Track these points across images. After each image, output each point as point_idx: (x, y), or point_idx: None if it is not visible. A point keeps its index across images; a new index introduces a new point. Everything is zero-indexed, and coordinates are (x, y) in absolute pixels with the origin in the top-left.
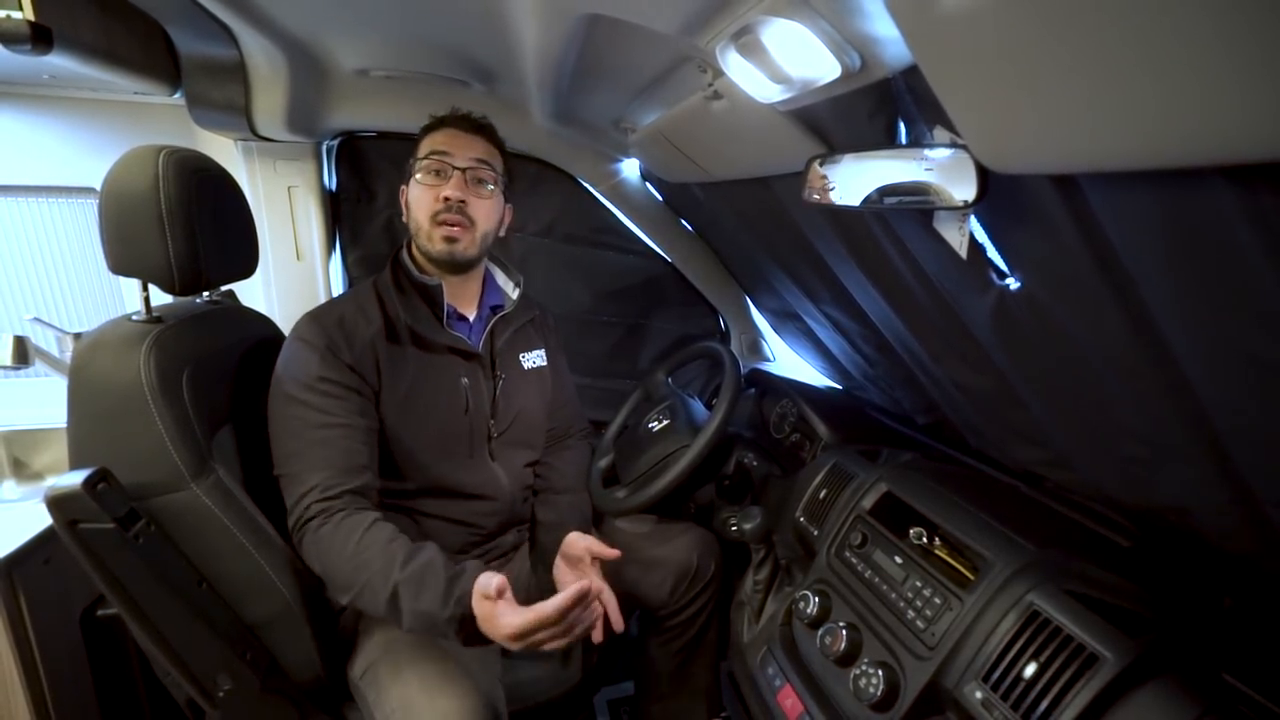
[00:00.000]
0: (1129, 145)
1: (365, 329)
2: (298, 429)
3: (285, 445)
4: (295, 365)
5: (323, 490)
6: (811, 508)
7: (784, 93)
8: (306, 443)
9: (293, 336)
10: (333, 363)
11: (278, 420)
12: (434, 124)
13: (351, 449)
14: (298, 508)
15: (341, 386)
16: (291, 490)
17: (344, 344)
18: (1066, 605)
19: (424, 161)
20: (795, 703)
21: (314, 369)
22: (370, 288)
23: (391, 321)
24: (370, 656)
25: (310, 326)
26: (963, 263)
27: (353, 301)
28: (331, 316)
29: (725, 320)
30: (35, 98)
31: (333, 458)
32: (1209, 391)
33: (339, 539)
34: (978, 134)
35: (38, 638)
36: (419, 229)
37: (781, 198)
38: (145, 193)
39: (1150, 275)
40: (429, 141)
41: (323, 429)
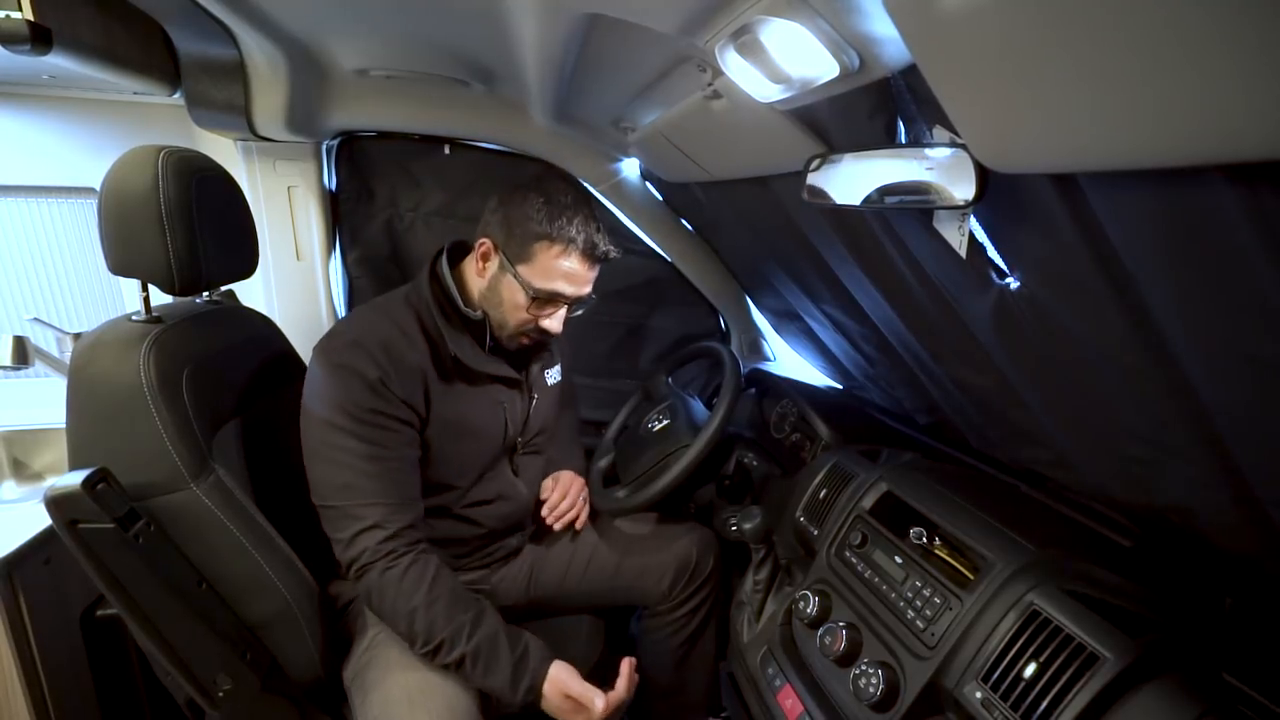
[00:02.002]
0: (1128, 144)
1: (412, 358)
2: (348, 460)
3: (333, 476)
4: (341, 394)
5: (384, 530)
6: (812, 507)
7: (783, 92)
8: (359, 475)
9: (334, 361)
10: (384, 394)
11: (322, 449)
12: (566, 241)
13: (404, 480)
14: (355, 546)
15: (393, 419)
16: (344, 525)
17: (394, 374)
18: (1067, 605)
19: (539, 288)
20: (795, 703)
21: (364, 400)
22: (407, 308)
23: (438, 351)
24: (360, 660)
25: (356, 353)
26: (963, 262)
27: (392, 323)
28: (375, 342)
29: (726, 320)
30: (35, 98)
31: (388, 491)
32: (1209, 391)
33: (406, 589)
34: (977, 133)
35: (38, 638)
36: (501, 326)
37: (781, 197)
38: (145, 193)
39: (1150, 275)
40: (552, 267)
41: (376, 461)
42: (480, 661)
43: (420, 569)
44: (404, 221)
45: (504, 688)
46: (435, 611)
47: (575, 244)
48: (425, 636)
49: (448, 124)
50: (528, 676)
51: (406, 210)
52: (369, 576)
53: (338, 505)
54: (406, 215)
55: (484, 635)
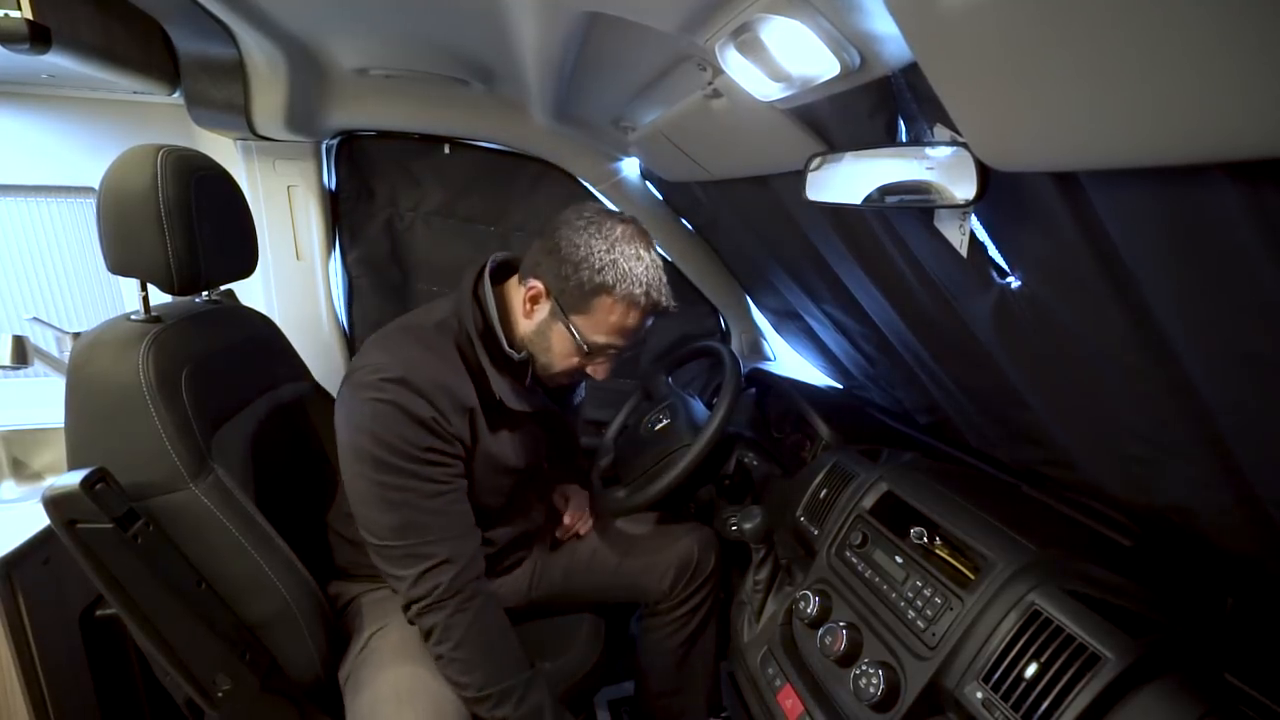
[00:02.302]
0: (1130, 142)
1: (463, 396)
2: (408, 500)
3: (389, 518)
4: (393, 433)
5: (455, 565)
6: (812, 507)
7: (784, 91)
8: (421, 513)
9: (380, 399)
10: (440, 432)
11: (371, 488)
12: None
13: (464, 511)
14: (424, 584)
15: (448, 455)
16: (409, 564)
17: (448, 412)
18: (1068, 605)
19: (595, 341)
20: (795, 703)
21: (419, 439)
22: (447, 338)
23: (484, 389)
24: (354, 659)
25: (405, 391)
26: (963, 261)
27: (437, 357)
28: (425, 379)
29: (726, 319)
30: (34, 97)
31: (453, 525)
32: (1210, 390)
33: (472, 637)
34: (978, 131)
35: (37, 638)
36: (547, 366)
37: (781, 196)
38: (144, 192)
39: (1151, 273)
40: (617, 323)
41: (437, 498)
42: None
43: (488, 617)
44: (404, 221)
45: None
46: (492, 666)
47: (638, 302)
48: (477, 686)
49: (447, 123)
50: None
51: (406, 210)
52: (438, 614)
53: (399, 545)
54: (406, 215)
55: (534, 704)
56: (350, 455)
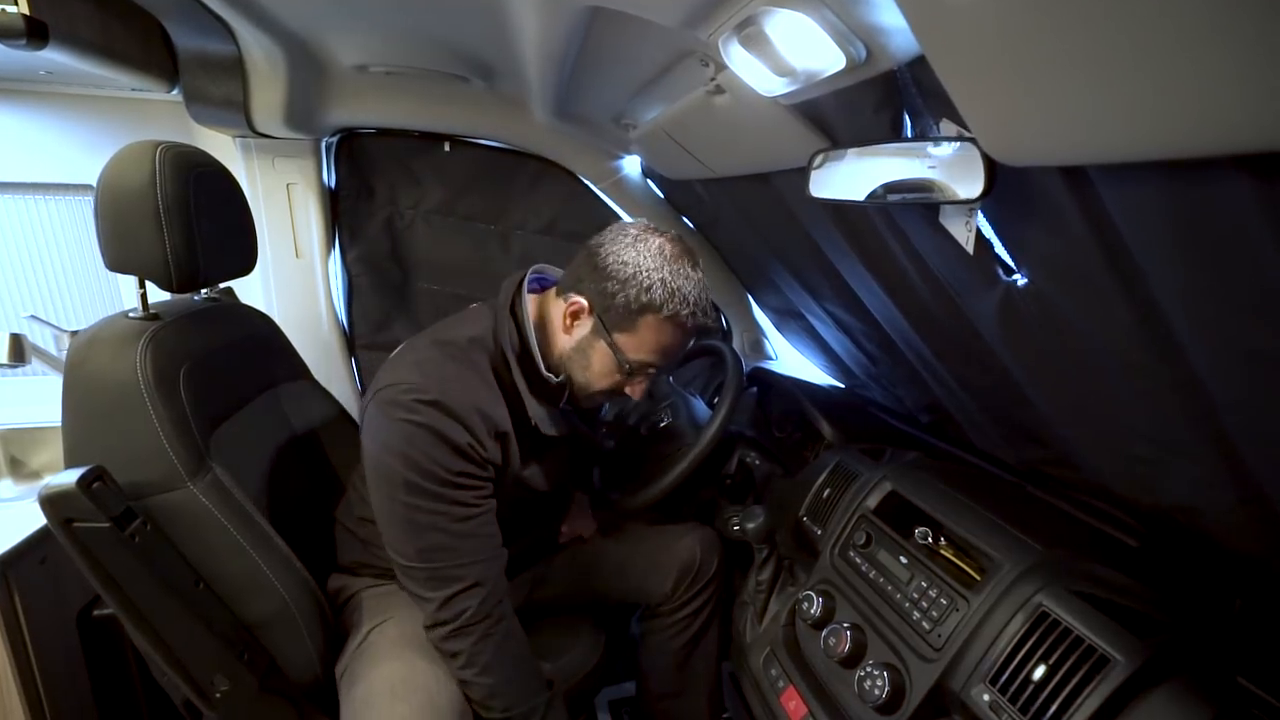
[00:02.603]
0: (1140, 134)
1: (499, 421)
2: (437, 523)
3: (420, 539)
4: (426, 457)
5: (484, 588)
6: (815, 507)
7: (788, 86)
8: (451, 536)
9: (414, 421)
10: (474, 457)
11: (401, 509)
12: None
13: (493, 533)
14: (454, 606)
15: (480, 479)
16: (437, 586)
17: (482, 438)
18: (1076, 606)
19: (637, 360)
20: (799, 704)
21: (452, 464)
22: (483, 355)
23: (519, 414)
24: (349, 653)
25: (440, 415)
26: (968, 258)
27: (472, 376)
28: (461, 403)
29: (727, 318)
30: (32, 94)
31: (482, 548)
32: (1218, 388)
33: (498, 660)
34: (986, 125)
35: (33, 638)
36: (582, 387)
37: (784, 194)
38: (142, 188)
39: (1160, 269)
40: (659, 342)
41: (467, 521)
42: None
43: (513, 641)
44: (404, 219)
45: None
46: (515, 689)
47: (685, 323)
48: (504, 708)
49: (448, 121)
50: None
51: (406, 208)
52: (467, 639)
53: (428, 567)
54: (406, 213)
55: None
56: (379, 476)
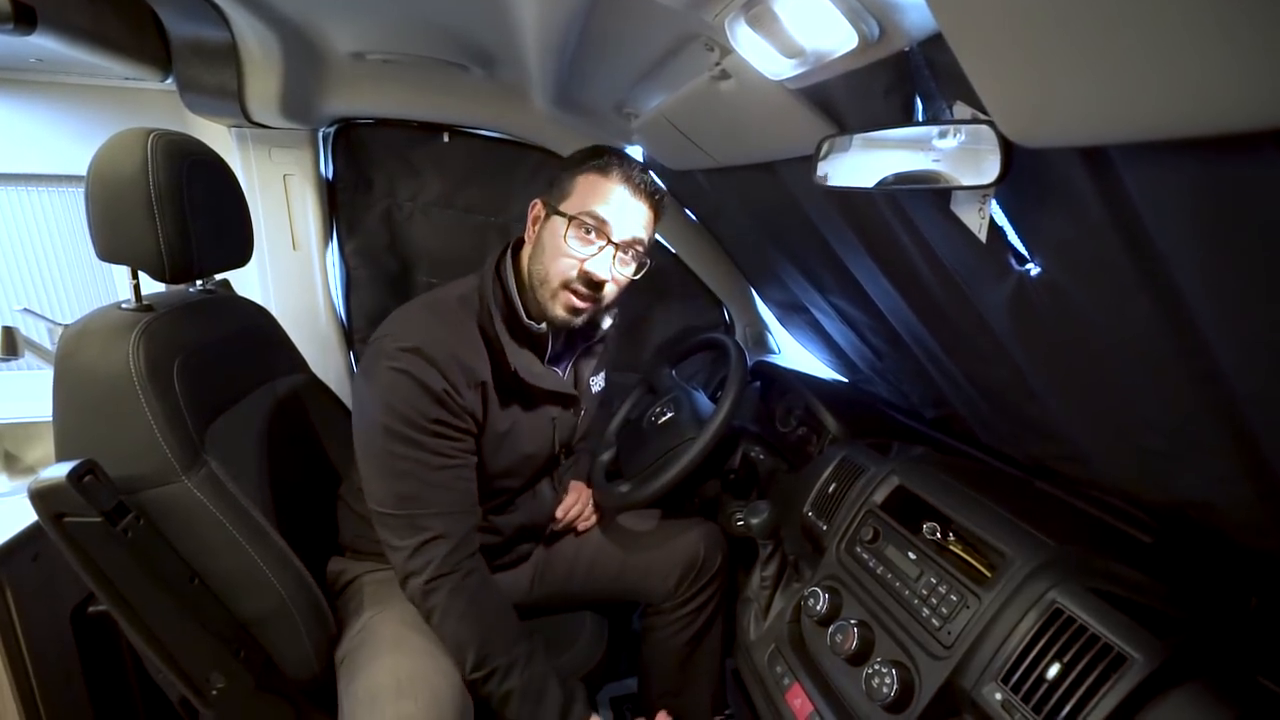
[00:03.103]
0: (1170, 110)
1: (478, 369)
2: (412, 470)
3: (394, 486)
4: (404, 402)
5: (449, 541)
6: (820, 502)
7: (796, 68)
8: (424, 485)
9: (396, 367)
10: (450, 405)
11: (380, 456)
12: (601, 163)
13: (467, 489)
14: (420, 557)
15: (457, 429)
16: (407, 535)
17: (459, 384)
18: (1091, 604)
19: (576, 220)
20: (804, 702)
21: (429, 410)
22: (465, 311)
23: (500, 364)
24: (351, 641)
25: (419, 361)
26: (980, 248)
27: (453, 328)
28: (439, 350)
29: (729, 312)
30: (22, 83)
31: (454, 500)
32: (1241, 381)
33: (472, 614)
34: (1004, 105)
35: (27, 635)
36: (544, 281)
37: (789, 184)
38: (134, 176)
39: (1184, 256)
40: (591, 192)
41: (440, 471)
42: (530, 699)
43: (486, 592)
44: (403, 211)
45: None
46: (494, 641)
47: (614, 165)
48: (478, 662)
49: (446, 110)
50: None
51: (405, 200)
52: (437, 594)
53: (400, 514)
54: (405, 205)
55: (536, 673)
56: (362, 423)
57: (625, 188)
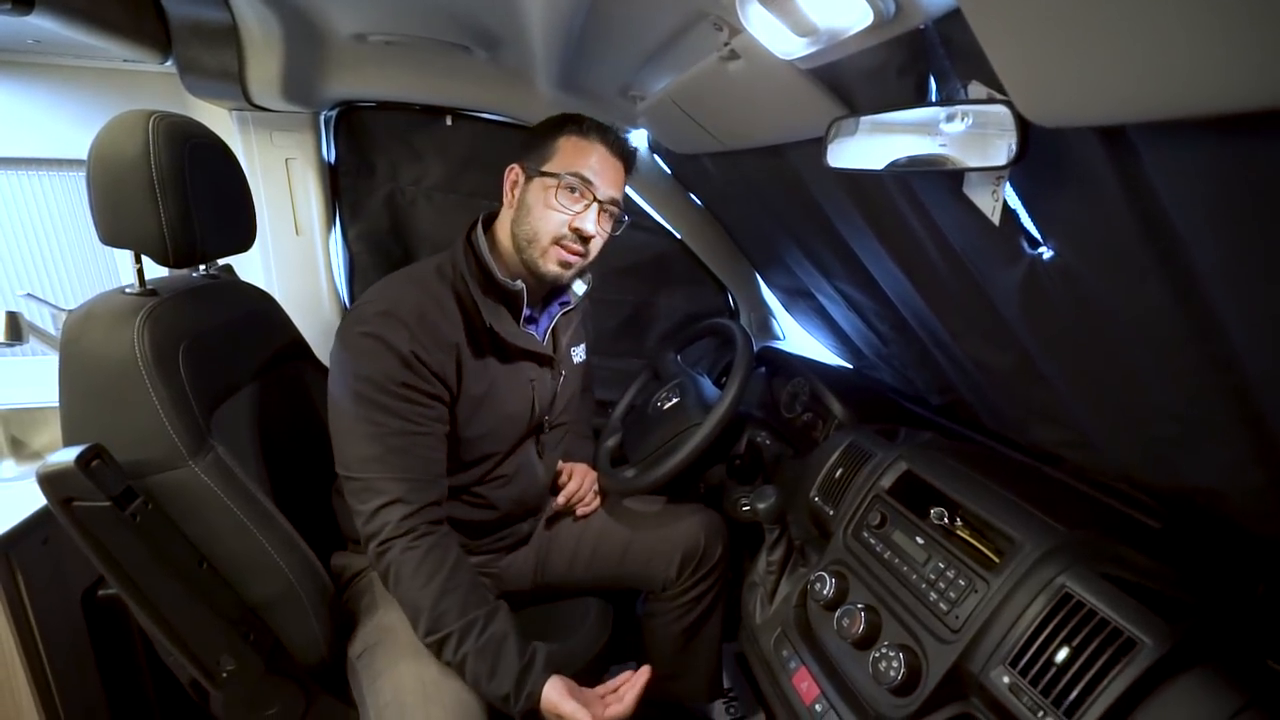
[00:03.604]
0: (1195, 87)
1: (448, 331)
2: (375, 434)
3: (358, 448)
4: (370, 366)
5: (407, 506)
6: (827, 487)
7: (808, 47)
8: (386, 449)
9: (364, 331)
10: (417, 368)
11: (347, 420)
12: (582, 128)
13: (431, 458)
14: (376, 520)
15: (424, 394)
16: (366, 499)
17: (428, 347)
18: (1102, 588)
19: (565, 179)
20: (811, 685)
21: (395, 373)
22: (441, 279)
23: (472, 323)
24: (369, 638)
25: (387, 324)
26: (991, 232)
27: (426, 292)
28: (408, 312)
29: (735, 298)
30: (21, 65)
31: (413, 467)
32: (1256, 366)
33: (424, 573)
34: (1023, 83)
35: (38, 619)
36: (534, 239)
37: (797, 167)
38: (135, 158)
39: (1203, 238)
40: (574, 154)
41: (403, 436)
42: (486, 662)
43: (440, 553)
44: (405, 196)
45: (508, 690)
46: (448, 603)
47: (594, 130)
48: (432, 626)
49: (449, 93)
50: (528, 685)
51: (408, 184)
52: (389, 554)
53: (361, 477)
54: (408, 189)
55: (493, 636)
56: (333, 387)
57: (606, 149)
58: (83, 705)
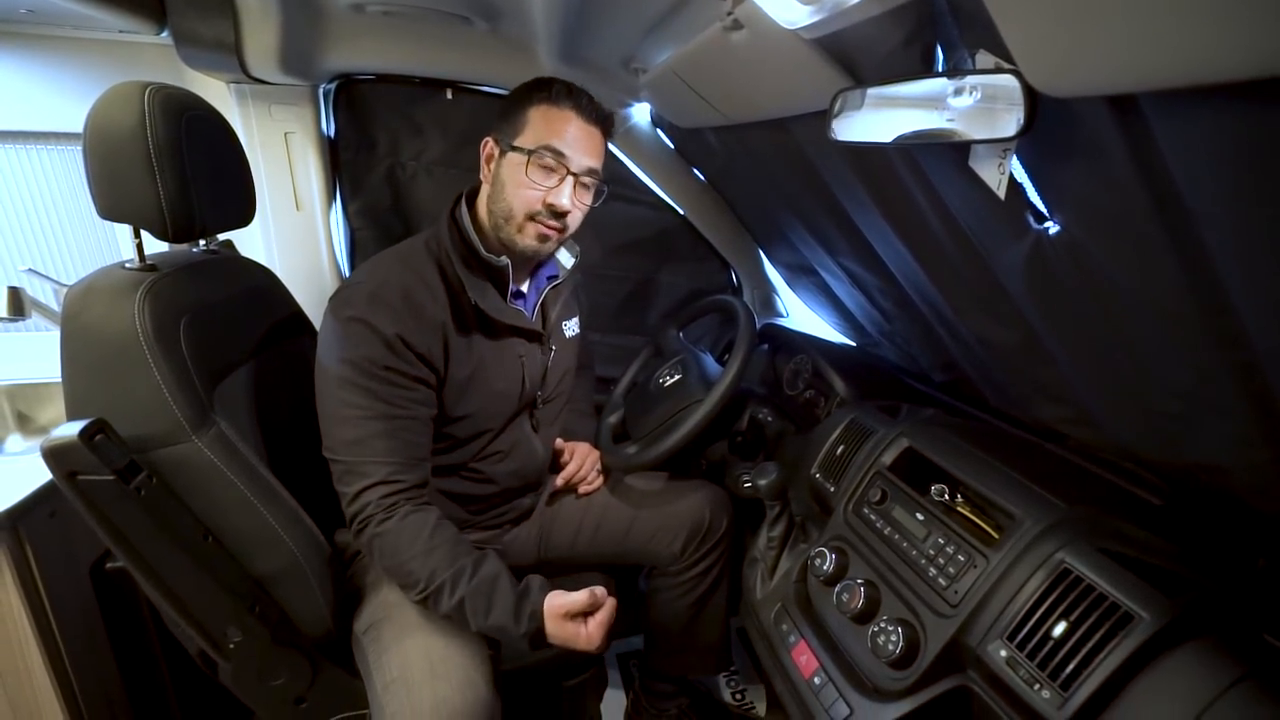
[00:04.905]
0: (1210, 53)
1: (433, 311)
2: (358, 417)
3: (343, 432)
4: (355, 349)
5: (389, 486)
6: (828, 464)
7: (813, 15)
8: (369, 433)
9: (350, 315)
10: (402, 351)
11: (332, 403)
12: (551, 95)
13: (414, 441)
14: (358, 501)
15: (409, 377)
16: (350, 481)
17: (413, 329)
18: (1100, 563)
19: (536, 154)
20: (810, 659)
21: (380, 356)
22: (427, 256)
23: (458, 301)
24: (375, 613)
25: (373, 307)
26: (997, 207)
27: (410, 271)
28: (394, 293)
29: (738, 275)
30: (13, 35)
31: (396, 449)
32: (1265, 341)
33: (405, 539)
34: (1032, 51)
35: (48, 590)
36: (509, 217)
37: (801, 141)
38: (132, 130)
39: (1214, 211)
40: (545, 125)
41: (387, 420)
42: (482, 599)
43: (421, 517)
44: (406, 171)
45: (507, 621)
46: (436, 557)
47: (564, 96)
48: (426, 581)
49: (449, 66)
50: (529, 605)
51: (408, 159)
52: (369, 529)
53: (345, 460)
54: (409, 164)
55: (486, 574)
56: (318, 368)
57: (578, 116)
58: (95, 676)
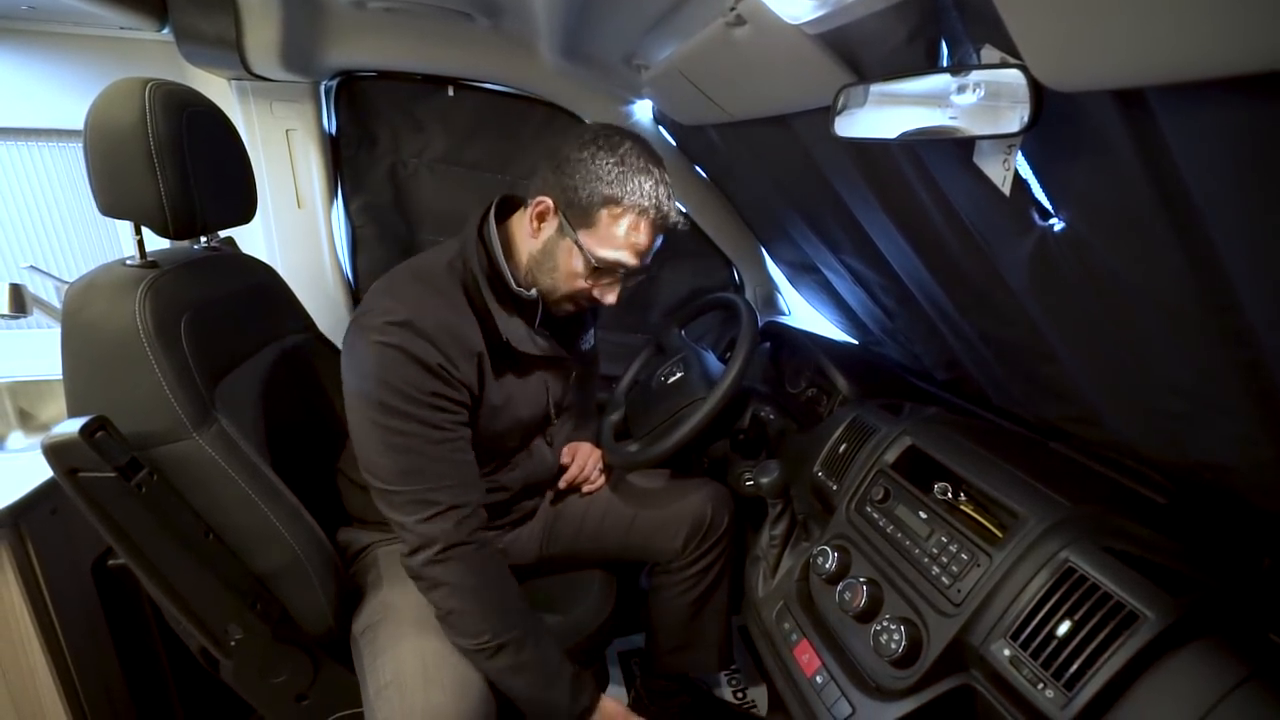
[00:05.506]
0: (1219, 45)
1: (471, 341)
2: (412, 445)
3: (394, 462)
4: (398, 377)
5: (459, 512)
6: (830, 462)
7: (817, 9)
8: (425, 459)
9: (386, 342)
10: (447, 379)
11: (379, 434)
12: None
13: (468, 460)
14: (428, 531)
15: (454, 402)
16: (413, 510)
17: (455, 358)
18: (1104, 562)
19: (602, 256)
20: (812, 658)
21: (424, 383)
22: (453, 278)
23: (488, 330)
24: (372, 615)
25: (410, 335)
26: (1001, 203)
27: (442, 299)
28: (431, 323)
29: (740, 272)
30: (14, 32)
31: (456, 474)
32: (1274, 340)
33: (484, 583)
34: (1038, 44)
35: (50, 587)
36: (550, 291)
37: (804, 137)
38: (132, 127)
39: (1223, 208)
40: (623, 237)
41: (441, 445)
42: (542, 671)
43: (496, 566)
44: (407, 168)
45: (563, 700)
46: (507, 613)
47: (646, 212)
48: (491, 634)
49: (450, 63)
50: (586, 696)
51: (410, 156)
52: (447, 565)
53: (404, 490)
54: (410, 162)
55: (547, 648)
56: (355, 399)
57: (654, 232)
58: (97, 673)
